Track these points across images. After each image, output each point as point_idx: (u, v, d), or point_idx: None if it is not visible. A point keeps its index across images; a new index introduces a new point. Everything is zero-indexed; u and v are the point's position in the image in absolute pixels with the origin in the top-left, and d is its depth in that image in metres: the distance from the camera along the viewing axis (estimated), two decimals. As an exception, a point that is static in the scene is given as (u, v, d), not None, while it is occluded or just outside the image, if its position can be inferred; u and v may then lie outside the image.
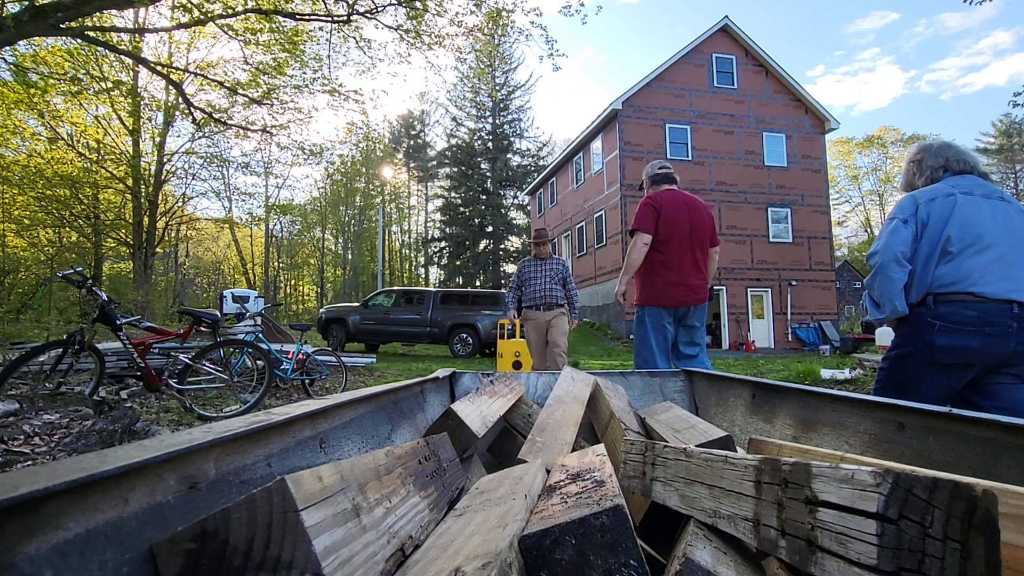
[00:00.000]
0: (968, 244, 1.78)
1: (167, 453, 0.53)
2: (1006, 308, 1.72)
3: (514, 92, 36.31)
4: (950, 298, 1.78)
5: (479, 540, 0.58)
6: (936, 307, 1.80)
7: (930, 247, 1.83)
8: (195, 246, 30.74)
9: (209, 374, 4.45)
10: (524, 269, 5.24)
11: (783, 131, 19.38)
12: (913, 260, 1.86)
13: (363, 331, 12.47)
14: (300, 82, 11.45)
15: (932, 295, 1.81)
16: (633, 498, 1.00)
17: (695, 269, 3.30)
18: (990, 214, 1.81)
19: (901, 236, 1.86)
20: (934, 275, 1.81)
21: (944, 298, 1.79)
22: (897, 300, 1.86)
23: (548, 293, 5.04)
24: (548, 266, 5.15)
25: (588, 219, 20.80)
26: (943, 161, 1.99)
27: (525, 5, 9.64)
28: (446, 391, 1.88)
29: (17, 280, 13.65)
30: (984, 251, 1.76)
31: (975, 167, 1.97)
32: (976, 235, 1.78)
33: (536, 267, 5.18)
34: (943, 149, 2.02)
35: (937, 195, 1.87)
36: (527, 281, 5.18)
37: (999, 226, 1.79)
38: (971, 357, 1.75)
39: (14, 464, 2.53)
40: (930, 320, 1.80)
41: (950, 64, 72.22)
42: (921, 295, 1.84)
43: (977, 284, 1.74)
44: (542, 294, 5.05)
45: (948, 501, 0.41)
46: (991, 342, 1.72)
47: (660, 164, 3.58)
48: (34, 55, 10.82)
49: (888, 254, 1.85)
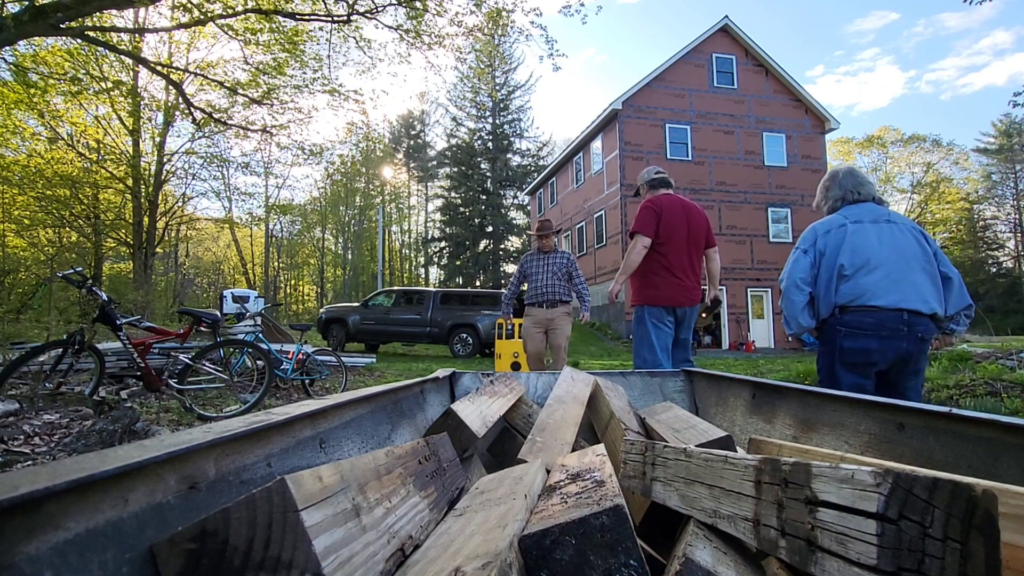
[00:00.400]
0: (859, 267, 2.16)
1: (167, 453, 0.53)
2: (897, 315, 2.09)
3: (514, 92, 36.31)
4: (852, 310, 2.16)
5: (479, 540, 0.58)
6: (842, 317, 2.19)
7: (828, 272, 2.22)
8: (195, 246, 30.73)
9: (209, 374, 4.45)
10: (526, 264, 4.91)
11: (783, 131, 19.39)
12: (816, 283, 2.26)
13: (363, 331, 12.47)
14: (300, 82, 11.45)
15: (838, 308, 2.20)
16: (633, 498, 1.00)
17: (692, 271, 3.42)
18: (876, 238, 2.19)
19: (800, 265, 2.26)
20: (837, 293, 2.19)
21: (847, 310, 2.18)
22: (800, 317, 2.26)
23: (552, 289, 4.67)
24: (552, 260, 4.78)
25: (588, 219, 20.80)
26: (842, 192, 2.38)
27: (525, 5, 9.64)
28: (446, 391, 1.88)
29: (17, 280, 13.65)
30: (873, 271, 2.14)
31: (871, 195, 2.35)
32: (864, 259, 2.16)
33: (539, 261, 4.83)
34: (846, 179, 2.40)
35: (832, 227, 2.27)
36: (529, 276, 4.85)
37: (884, 248, 2.17)
38: (871, 356, 2.13)
39: (14, 464, 2.53)
40: (838, 327, 2.19)
41: (950, 64, 72.22)
42: (829, 310, 2.22)
43: (872, 298, 2.12)
44: (544, 290, 4.69)
45: (948, 501, 0.41)
46: (886, 343, 2.10)
47: (656, 169, 3.70)
48: (34, 55, 10.82)
49: (790, 281, 2.27)
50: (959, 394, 4.59)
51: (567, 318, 4.71)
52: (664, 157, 18.26)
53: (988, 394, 4.43)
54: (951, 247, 41.91)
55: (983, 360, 6.18)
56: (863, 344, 2.13)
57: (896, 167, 42.45)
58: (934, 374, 5.41)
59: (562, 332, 4.67)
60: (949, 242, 42.27)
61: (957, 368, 5.90)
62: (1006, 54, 67.45)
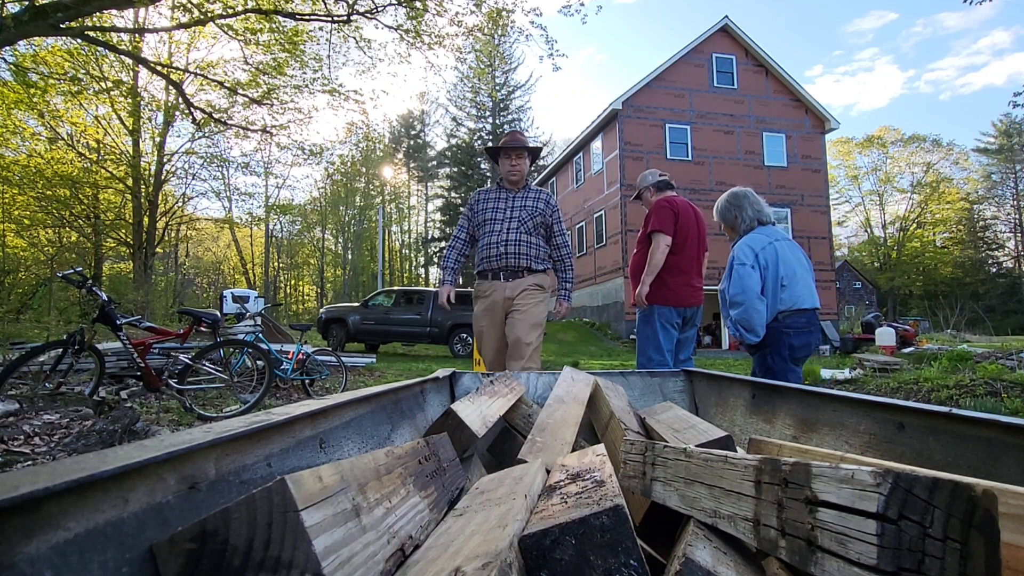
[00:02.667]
0: (791, 278, 2.58)
1: (167, 453, 0.53)
2: (813, 314, 2.60)
3: (514, 92, 36.33)
4: (791, 314, 2.56)
5: (479, 540, 0.58)
6: (785, 320, 2.56)
7: (773, 283, 2.57)
8: (195, 246, 30.73)
9: (209, 374, 4.45)
10: (477, 203, 3.08)
11: (783, 131, 19.38)
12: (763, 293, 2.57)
13: (363, 331, 12.47)
14: (300, 82, 11.46)
15: (780, 313, 2.56)
16: (633, 498, 1.00)
17: (698, 272, 3.45)
18: (790, 254, 2.63)
19: (754, 278, 2.55)
20: (779, 301, 2.56)
21: (787, 314, 2.56)
22: (760, 326, 2.56)
23: (516, 248, 2.91)
24: (520, 200, 2.99)
25: (588, 219, 20.80)
26: (755, 214, 2.75)
27: (525, 5, 9.65)
28: (446, 391, 1.88)
29: (17, 280, 13.64)
30: (797, 281, 2.58)
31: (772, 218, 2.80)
32: (791, 271, 2.59)
33: (498, 200, 3.02)
34: (755, 203, 2.77)
35: (764, 244, 2.61)
36: (481, 226, 3.02)
37: (793, 261, 2.61)
38: (810, 349, 2.63)
39: (14, 464, 2.53)
40: (784, 330, 2.55)
41: (949, 64, 72.36)
42: (773, 315, 2.57)
43: (800, 303, 2.56)
44: (503, 250, 2.91)
45: (948, 501, 0.41)
46: (813, 337, 2.61)
47: (659, 172, 3.72)
48: (34, 55, 10.82)
49: (751, 294, 2.54)
50: (959, 394, 4.59)
51: (538, 295, 2.96)
52: (664, 157, 18.26)
53: (988, 394, 4.43)
54: (951, 247, 41.93)
55: (983, 360, 6.18)
56: (805, 340, 2.58)
57: (896, 167, 42.46)
58: (934, 374, 5.41)
59: (528, 318, 2.87)
60: (949, 242, 42.30)
61: (957, 368, 5.90)
62: (1005, 54, 67.57)
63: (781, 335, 2.54)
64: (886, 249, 42.92)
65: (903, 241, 41.97)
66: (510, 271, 2.95)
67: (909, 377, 5.61)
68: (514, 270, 2.95)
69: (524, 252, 2.95)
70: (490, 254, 2.97)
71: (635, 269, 3.49)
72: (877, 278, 39.50)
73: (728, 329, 2.68)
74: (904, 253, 41.51)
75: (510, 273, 2.95)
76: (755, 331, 2.55)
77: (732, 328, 2.65)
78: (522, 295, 2.93)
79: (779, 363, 2.57)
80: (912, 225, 42.17)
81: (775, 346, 2.56)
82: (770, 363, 2.59)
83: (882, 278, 39.99)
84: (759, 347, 2.63)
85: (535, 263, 2.98)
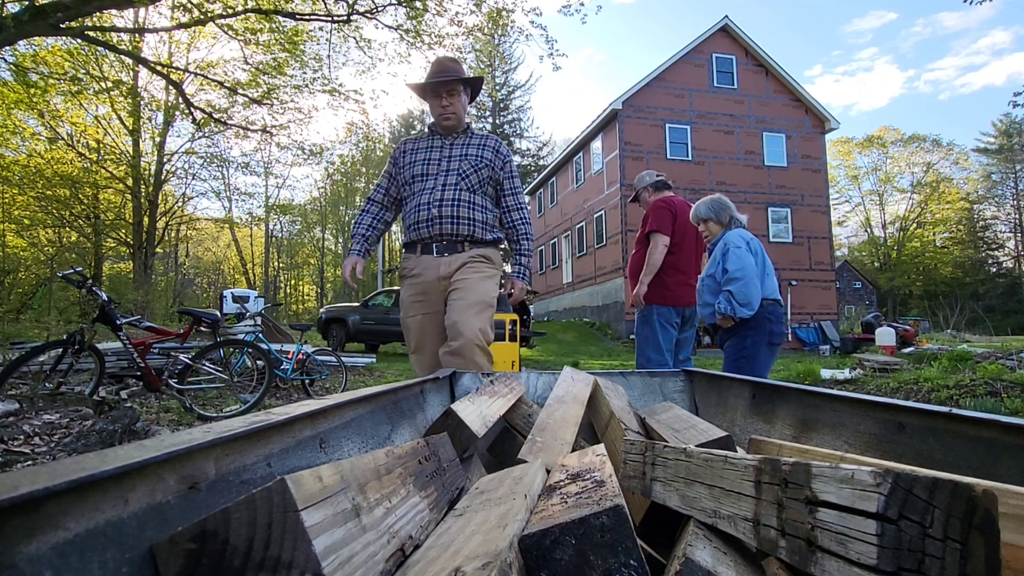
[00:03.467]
0: (769, 270, 2.87)
1: (167, 453, 0.53)
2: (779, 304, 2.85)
3: (514, 92, 36.31)
4: (772, 302, 2.79)
5: (479, 540, 0.58)
6: (767, 307, 2.77)
7: (760, 270, 2.79)
8: (195, 246, 30.75)
9: (209, 374, 4.45)
10: (403, 154, 2.39)
11: (783, 131, 19.38)
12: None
13: (363, 331, 12.46)
14: (300, 82, 11.46)
15: (763, 300, 2.75)
16: (633, 498, 1.00)
17: (696, 272, 3.46)
18: (761, 250, 2.87)
19: (751, 259, 2.76)
20: (764, 288, 2.77)
21: (768, 302, 2.77)
22: (756, 300, 2.71)
23: (451, 211, 2.24)
24: (460, 149, 2.32)
25: (588, 219, 20.80)
26: (731, 215, 2.97)
27: (525, 5, 9.65)
28: (446, 391, 1.88)
29: (17, 280, 13.64)
30: (770, 274, 2.86)
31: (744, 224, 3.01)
32: (768, 265, 2.87)
33: (429, 149, 2.35)
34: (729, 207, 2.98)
35: (749, 238, 2.86)
36: (409, 183, 2.35)
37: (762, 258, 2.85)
38: (783, 337, 2.88)
39: (14, 464, 2.53)
40: (767, 316, 2.76)
41: (948, 64, 72.38)
42: (759, 301, 2.73)
43: (774, 293, 2.82)
44: (435, 211, 2.23)
45: (948, 501, 0.41)
46: (784, 327, 2.91)
47: (656, 172, 3.77)
48: (34, 55, 10.82)
49: (750, 270, 2.71)
50: (959, 394, 4.59)
51: (483, 268, 2.29)
52: (664, 157, 18.26)
53: (988, 394, 4.43)
54: (951, 247, 41.94)
55: (983, 360, 6.18)
56: (781, 328, 2.85)
57: (896, 167, 42.47)
58: (934, 374, 5.41)
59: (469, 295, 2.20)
60: (949, 242, 42.30)
61: (957, 368, 5.90)
62: (1005, 54, 67.58)
63: (764, 320, 2.75)
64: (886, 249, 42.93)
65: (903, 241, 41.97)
66: (446, 242, 2.27)
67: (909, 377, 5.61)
68: (451, 240, 2.26)
69: (465, 216, 2.23)
70: (419, 219, 2.25)
71: (633, 269, 3.50)
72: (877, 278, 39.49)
73: (719, 305, 2.73)
74: (904, 253, 41.51)
75: (446, 245, 2.27)
76: (751, 304, 2.70)
77: (725, 303, 2.71)
78: (463, 269, 2.25)
79: (761, 346, 2.75)
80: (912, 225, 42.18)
81: (757, 330, 2.76)
82: (749, 344, 2.76)
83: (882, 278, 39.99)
84: (734, 331, 2.79)
85: (480, 231, 2.27)
